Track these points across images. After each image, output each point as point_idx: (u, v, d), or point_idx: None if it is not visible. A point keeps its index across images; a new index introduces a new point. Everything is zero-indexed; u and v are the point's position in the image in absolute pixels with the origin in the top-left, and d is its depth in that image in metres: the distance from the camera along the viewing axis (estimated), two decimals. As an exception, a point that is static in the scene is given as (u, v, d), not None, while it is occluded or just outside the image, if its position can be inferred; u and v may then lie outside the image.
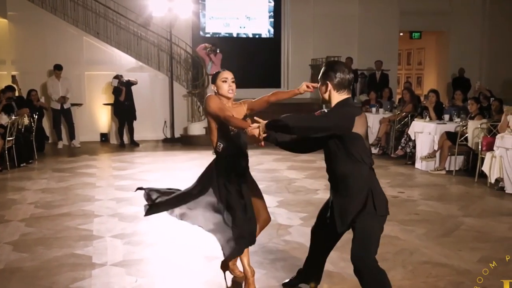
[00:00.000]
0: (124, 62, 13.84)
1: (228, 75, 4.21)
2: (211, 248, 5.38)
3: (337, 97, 3.56)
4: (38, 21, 13.25)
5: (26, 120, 10.66)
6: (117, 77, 12.95)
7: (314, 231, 4.07)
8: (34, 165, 10.31)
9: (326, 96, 3.60)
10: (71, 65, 13.18)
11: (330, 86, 3.55)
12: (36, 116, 11.16)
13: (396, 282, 4.47)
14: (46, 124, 13.10)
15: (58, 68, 12.64)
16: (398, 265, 4.87)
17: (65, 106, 12.73)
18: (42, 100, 12.60)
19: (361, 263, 3.44)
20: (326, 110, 3.46)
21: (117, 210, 6.85)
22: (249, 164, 4.30)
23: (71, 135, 12.96)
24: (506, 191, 7.88)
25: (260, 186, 4.44)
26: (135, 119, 13.19)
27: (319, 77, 3.64)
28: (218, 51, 13.27)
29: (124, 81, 12.96)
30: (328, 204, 3.85)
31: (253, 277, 4.23)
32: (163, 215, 4.04)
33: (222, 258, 5.01)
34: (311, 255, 4.14)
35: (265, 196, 4.45)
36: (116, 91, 12.95)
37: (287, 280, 4.38)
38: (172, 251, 5.35)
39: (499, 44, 16.87)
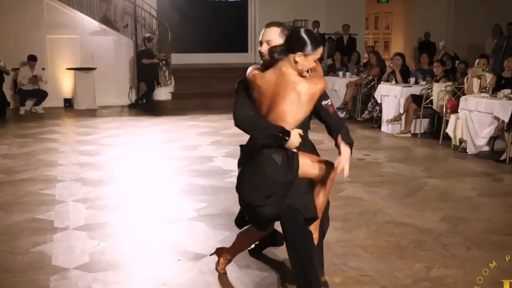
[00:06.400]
0: (87, 26, 13.46)
1: None
2: (175, 211, 5.37)
3: None
4: (-6, -17, 12.76)
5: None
6: None
7: None
8: (-5, 131, 10.07)
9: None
10: (32, 28, 12.76)
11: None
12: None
13: (359, 242, 4.52)
14: (7, 89, 12.72)
15: (32, 59, 12.25)
16: (362, 225, 4.91)
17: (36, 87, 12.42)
18: (2, 63, 12.21)
19: None
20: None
21: (80, 175, 6.73)
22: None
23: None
24: (469, 153, 8.00)
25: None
26: None
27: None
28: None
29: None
30: None
31: None
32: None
33: (187, 221, 5.01)
34: None
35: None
36: None
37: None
38: (135, 215, 5.28)
39: (465, 9, 16.88)
